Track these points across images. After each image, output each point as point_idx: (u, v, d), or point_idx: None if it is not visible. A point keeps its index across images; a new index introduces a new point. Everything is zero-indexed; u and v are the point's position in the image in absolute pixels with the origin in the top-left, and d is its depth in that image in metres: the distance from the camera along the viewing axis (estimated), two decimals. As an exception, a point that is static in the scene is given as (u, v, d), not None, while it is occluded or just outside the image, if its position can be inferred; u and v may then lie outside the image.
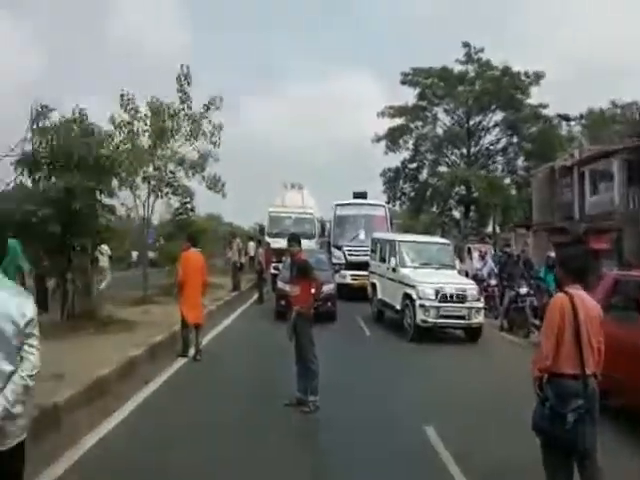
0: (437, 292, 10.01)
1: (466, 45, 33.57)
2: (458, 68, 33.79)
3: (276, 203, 20.35)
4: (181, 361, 7.76)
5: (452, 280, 10.70)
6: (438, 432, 4.98)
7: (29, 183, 8.81)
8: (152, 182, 12.85)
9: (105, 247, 12.52)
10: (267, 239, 18.37)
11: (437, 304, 9.97)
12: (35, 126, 8.71)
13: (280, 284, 11.97)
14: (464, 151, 35.78)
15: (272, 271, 16.98)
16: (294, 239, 6.04)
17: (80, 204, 8.17)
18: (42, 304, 8.61)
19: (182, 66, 12.91)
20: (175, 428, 5.01)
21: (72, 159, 8.35)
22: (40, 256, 8.77)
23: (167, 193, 13.36)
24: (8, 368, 2.28)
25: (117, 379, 6.27)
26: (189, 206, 16.46)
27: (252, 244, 20.13)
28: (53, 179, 8.61)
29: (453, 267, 11.87)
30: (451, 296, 10.07)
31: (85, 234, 8.69)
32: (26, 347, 2.34)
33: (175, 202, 15.93)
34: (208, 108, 13.20)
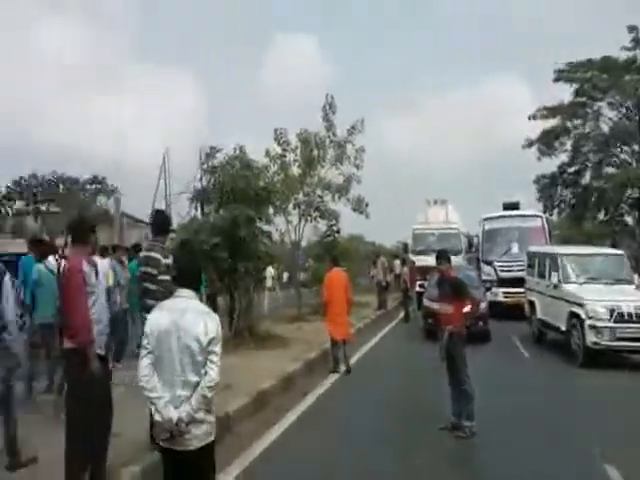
0: (611, 311, 8.87)
1: (632, 29, 29.63)
2: (624, 56, 29.90)
3: (419, 220, 20.15)
4: (333, 377, 8.12)
5: (630, 297, 9.38)
6: (623, 474, 4.41)
7: (200, 215, 10.20)
8: (302, 207, 13.79)
9: (271, 270, 13.79)
10: (411, 257, 18.26)
11: (612, 324, 8.82)
12: (205, 166, 10.09)
13: (427, 302, 11.78)
14: (636, 148, 31.31)
15: (417, 289, 16.79)
16: (443, 256, 5.95)
17: (244, 232, 9.15)
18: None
19: (327, 96, 13.76)
20: (331, 441, 5.26)
21: (236, 192, 9.44)
22: (212, 279, 10.00)
23: (315, 217, 14.18)
24: (194, 379, 2.70)
25: (277, 392, 6.79)
26: (335, 228, 17.22)
27: (397, 262, 20.16)
28: (221, 211, 9.82)
29: (630, 282, 10.39)
30: (629, 315, 8.84)
31: (248, 258, 9.70)
32: (208, 362, 2.72)
33: (322, 225, 16.81)
34: (351, 133, 13.80)
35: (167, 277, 4.48)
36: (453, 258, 6.50)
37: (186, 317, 2.76)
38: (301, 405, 6.51)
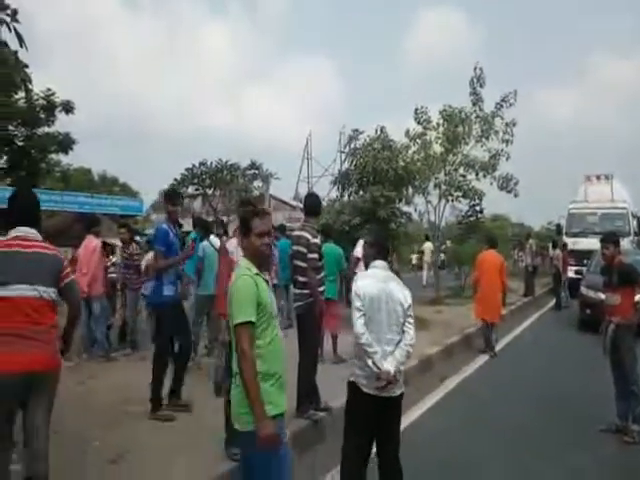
0: None
1: None
2: None
3: (577, 198, 18.05)
4: (477, 361, 7.86)
5: None
6: None
7: (341, 197, 10.51)
8: (443, 187, 13.34)
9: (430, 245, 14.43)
10: (565, 239, 16.57)
11: None
12: (347, 148, 10.34)
13: (585, 290, 10.65)
14: None
15: (572, 275, 15.23)
16: (610, 239, 5.30)
17: (383, 213, 9.23)
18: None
19: (475, 68, 12.97)
20: (474, 430, 5.11)
21: (376, 173, 9.53)
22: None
23: (457, 197, 13.62)
24: (396, 337, 3.15)
25: (415, 374, 6.77)
26: (478, 208, 16.35)
27: (547, 245, 18.52)
28: (361, 192, 10.01)
29: None
30: None
31: (387, 239, 9.75)
32: (407, 324, 3.19)
33: (463, 205, 16.08)
34: (501, 106, 12.88)
35: (315, 255, 4.77)
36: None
37: (390, 285, 3.20)
38: (440, 389, 6.43)
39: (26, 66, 3.16)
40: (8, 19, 2.87)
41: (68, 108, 15.42)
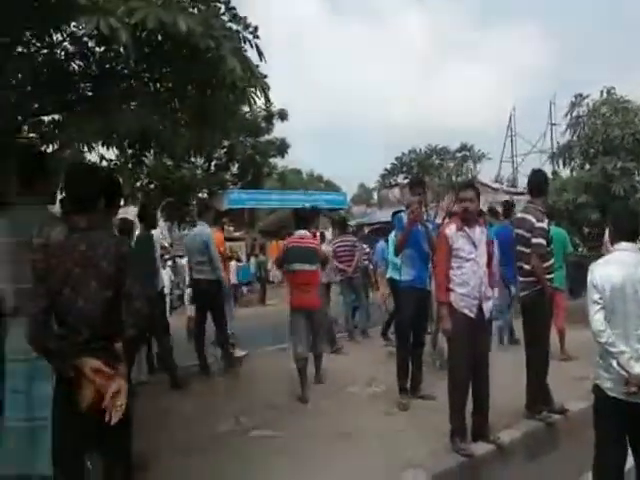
0: None
1: None
2: None
3: None
4: None
5: None
6: None
7: (563, 173, 9.26)
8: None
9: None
10: None
11: None
12: (568, 117, 9.05)
13: None
14: None
15: None
16: None
17: (619, 187, 7.81)
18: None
19: None
20: None
21: (608, 142, 8.11)
22: (577, 242, 9.00)
23: None
24: None
25: None
26: None
27: None
28: (587, 166, 8.66)
29: None
30: None
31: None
32: None
33: None
34: None
35: (540, 240, 4.25)
36: None
37: (639, 269, 2.68)
38: None
39: (265, 76, 3.49)
40: (250, 36, 3.19)
41: (283, 115, 17.21)
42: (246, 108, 5.40)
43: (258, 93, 3.82)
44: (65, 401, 2.19)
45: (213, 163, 16.85)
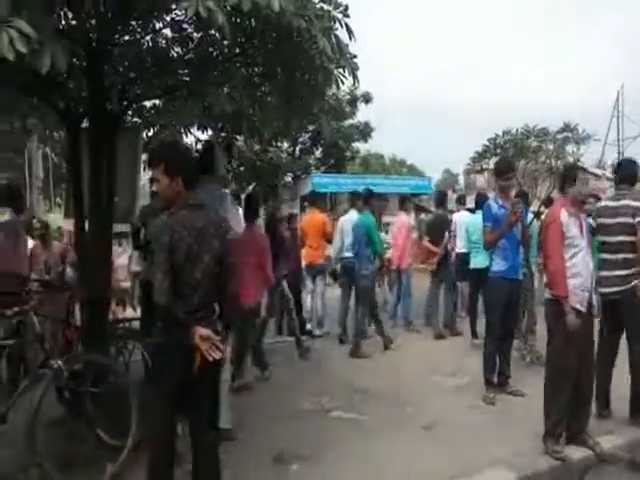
0: None
1: None
2: None
3: None
4: None
5: None
6: None
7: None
8: None
9: None
10: None
11: None
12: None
13: None
14: None
15: None
16: None
17: None
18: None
19: None
20: None
21: None
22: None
23: None
24: None
25: None
26: None
27: None
28: None
29: None
30: None
31: None
32: None
33: None
34: None
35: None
36: None
37: None
38: None
39: (355, 57, 3.42)
40: (340, 16, 3.13)
41: (367, 99, 17.03)
42: (333, 90, 5.37)
43: (346, 74, 3.76)
44: (172, 366, 2.35)
45: (298, 147, 17.11)
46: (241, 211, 4.69)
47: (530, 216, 5.41)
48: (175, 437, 2.47)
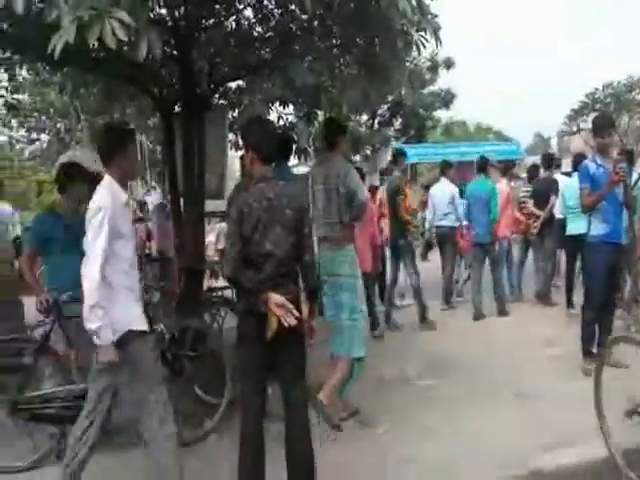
0: None
1: None
2: None
3: None
4: None
5: None
6: None
7: None
8: None
9: None
10: None
11: None
12: None
13: None
14: None
15: None
16: None
17: None
18: None
19: None
20: None
21: None
22: None
23: None
24: None
25: None
26: None
27: None
28: None
29: None
30: None
31: None
32: None
33: None
34: None
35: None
36: None
37: None
38: None
39: (436, 16, 3.31)
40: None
41: (449, 64, 16.23)
42: (414, 54, 5.19)
43: (428, 36, 3.63)
44: (252, 332, 2.48)
45: (377, 120, 16.86)
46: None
47: (635, 176, 4.92)
48: (265, 396, 2.61)
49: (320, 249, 3.41)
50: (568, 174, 6.55)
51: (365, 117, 16.72)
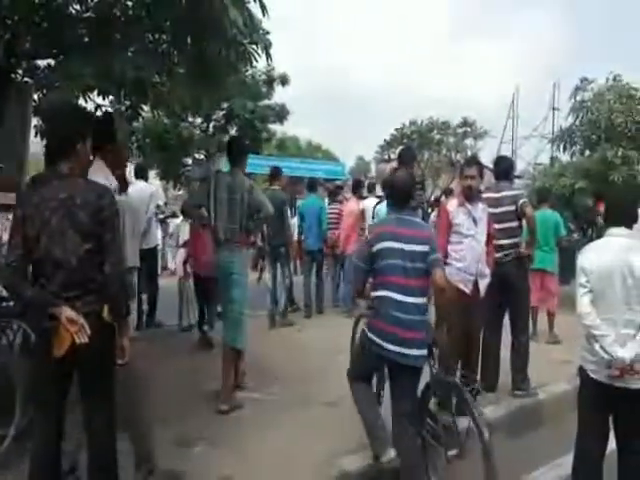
0: None
1: None
2: None
3: None
4: None
5: None
6: None
7: (563, 159, 9.21)
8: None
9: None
10: None
11: None
12: (572, 101, 8.91)
13: None
14: None
15: None
16: None
17: (618, 175, 7.76)
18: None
19: None
20: None
21: (611, 130, 8.03)
22: (571, 227, 9.00)
23: None
24: (638, 319, 2.60)
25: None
26: None
27: None
28: (587, 152, 8.60)
29: None
30: None
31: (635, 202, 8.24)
32: None
33: None
34: None
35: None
36: None
37: (632, 257, 2.64)
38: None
39: (268, 33, 3.40)
40: (253, -10, 3.08)
41: (284, 80, 16.83)
42: (247, 68, 5.28)
43: (259, 51, 3.72)
44: (41, 349, 2.15)
45: (212, 124, 16.57)
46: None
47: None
48: (61, 426, 2.26)
49: (220, 249, 3.89)
50: (381, 198, 7.29)
51: (199, 120, 16.28)
